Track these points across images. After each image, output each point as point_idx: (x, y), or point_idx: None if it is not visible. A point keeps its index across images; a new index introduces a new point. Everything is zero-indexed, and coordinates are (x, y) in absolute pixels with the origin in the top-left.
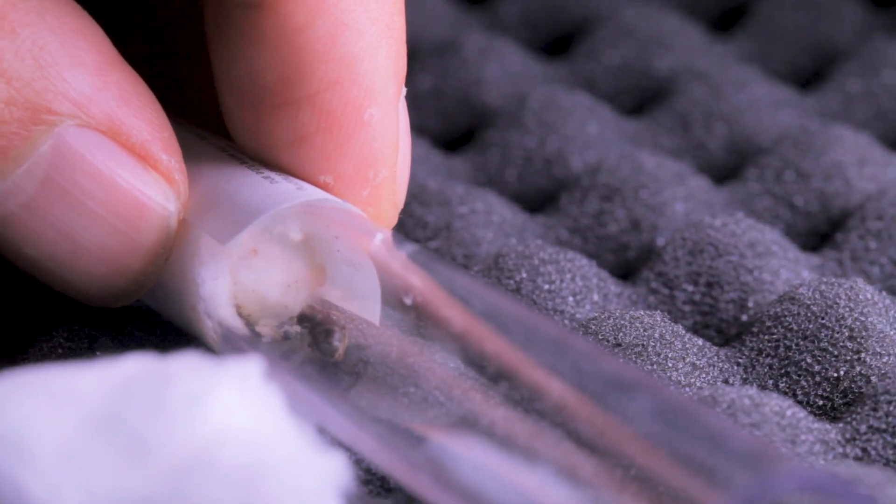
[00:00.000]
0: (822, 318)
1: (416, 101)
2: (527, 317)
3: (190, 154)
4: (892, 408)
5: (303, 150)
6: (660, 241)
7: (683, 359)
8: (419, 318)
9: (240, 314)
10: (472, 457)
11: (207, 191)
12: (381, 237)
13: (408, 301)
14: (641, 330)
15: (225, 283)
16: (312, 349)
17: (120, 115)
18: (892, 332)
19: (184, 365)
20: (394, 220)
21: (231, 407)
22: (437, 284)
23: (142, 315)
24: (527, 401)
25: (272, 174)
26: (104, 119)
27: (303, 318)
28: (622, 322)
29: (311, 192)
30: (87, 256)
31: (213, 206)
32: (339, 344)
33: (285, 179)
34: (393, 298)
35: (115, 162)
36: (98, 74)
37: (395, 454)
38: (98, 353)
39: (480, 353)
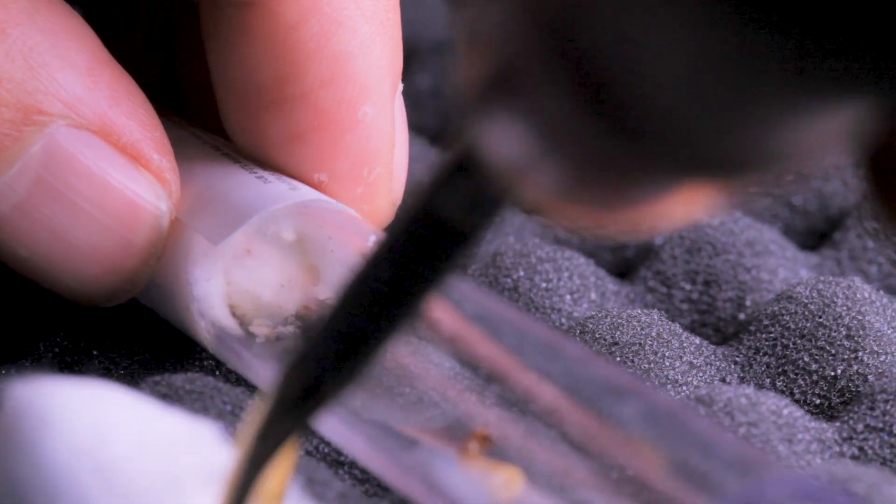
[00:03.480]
0: (820, 317)
1: (414, 100)
2: (519, 320)
3: (184, 153)
4: (889, 407)
5: (298, 148)
6: (658, 240)
7: (681, 357)
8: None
9: (234, 314)
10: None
11: (201, 190)
12: (374, 239)
13: None
14: (639, 328)
15: (218, 283)
16: None
17: (111, 114)
18: (889, 331)
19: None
20: (390, 217)
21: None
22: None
23: (140, 315)
24: (518, 404)
25: (266, 174)
26: (95, 119)
27: (297, 319)
28: (619, 321)
29: (304, 193)
30: (80, 256)
31: (206, 205)
32: None
33: (279, 179)
34: None
35: (106, 161)
36: (89, 74)
37: (386, 456)
38: (95, 352)
39: (472, 355)
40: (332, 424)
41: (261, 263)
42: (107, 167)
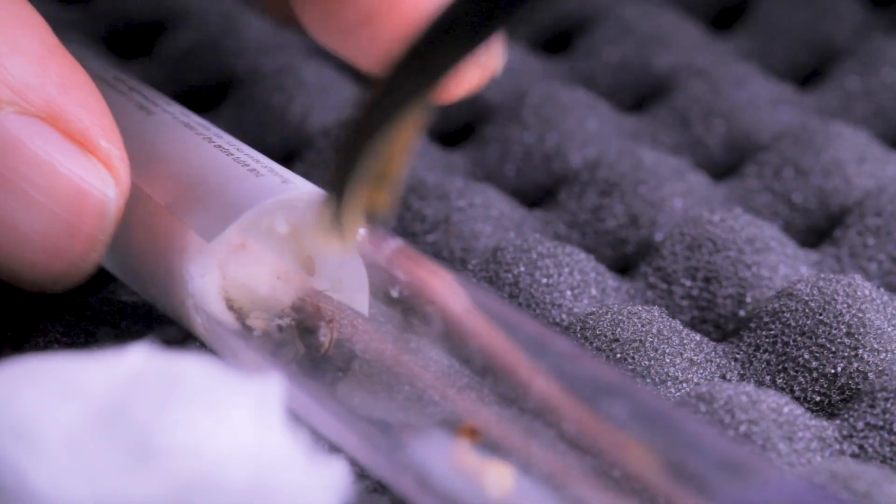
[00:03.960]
0: (820, 315)
1: None
2: (509, 314)
3: (177, 145)
4: (889, 404)
5: (370, 31)
6: (658, 237)
7: (681, 354)
8: (405, 311)
9: (230, 308)
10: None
11: (194, 184)
12: (364, 231)
13: (394, 293)
14: (639, 325)
15: (213, 278)
16: (301, 342)
17: (59, 102)
18: (889, 329)
19: (194, 368)
20: (478, 88)
21: (240, 420)
22: (422, 278)
23: (139, 310)
24: (507, 401)
25: (258, 166)
26: (44, 106)
27: (293, 311)
28: (620, 317)
29: (295, 186)
30: (27, 242)
31: (199, 201)
32: (325, 339)
33: (271, 172)
34: (380, 291)
35: (54, 148)
36: (38, 62)
37: (378, 455)
38: (94, 348)
39: (466, 349)
40: (325, 421)
41: (255, 257)
42: (54, 154)
